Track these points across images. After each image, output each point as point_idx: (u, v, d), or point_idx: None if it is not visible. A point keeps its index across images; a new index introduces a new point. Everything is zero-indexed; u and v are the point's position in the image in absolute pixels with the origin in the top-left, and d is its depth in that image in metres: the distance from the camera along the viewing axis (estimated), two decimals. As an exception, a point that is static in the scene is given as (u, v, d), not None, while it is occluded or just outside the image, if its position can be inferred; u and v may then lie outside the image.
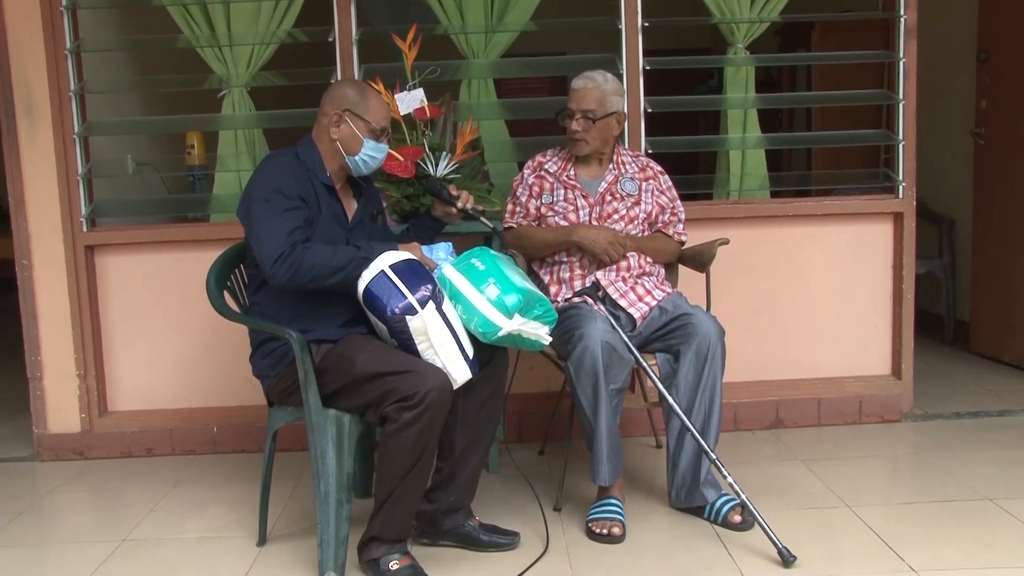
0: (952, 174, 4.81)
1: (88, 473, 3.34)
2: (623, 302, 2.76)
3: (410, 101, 2.95)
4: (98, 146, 3.58)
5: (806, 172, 5.39)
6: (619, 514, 2.59)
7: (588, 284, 2.80)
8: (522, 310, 2.35)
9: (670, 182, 2.99)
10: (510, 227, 2.97)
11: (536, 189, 2.93)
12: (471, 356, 2.32)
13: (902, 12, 3.46)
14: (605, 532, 2.54)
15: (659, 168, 2.99)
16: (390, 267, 2.28)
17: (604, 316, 2.63)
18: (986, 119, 4.33)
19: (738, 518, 2.58)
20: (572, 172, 2.91)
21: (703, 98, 4.84)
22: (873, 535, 2.52)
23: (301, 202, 2.34)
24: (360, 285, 2.29)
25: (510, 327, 2.33)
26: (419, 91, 2.97)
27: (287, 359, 2.38)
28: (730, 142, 3.61)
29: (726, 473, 2.48)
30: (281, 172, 2.37)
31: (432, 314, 2.25)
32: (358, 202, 2.57)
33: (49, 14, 3.32)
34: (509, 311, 2.33)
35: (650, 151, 3.40)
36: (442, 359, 2.27)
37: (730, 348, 2.69)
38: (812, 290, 3.57)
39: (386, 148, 2.51)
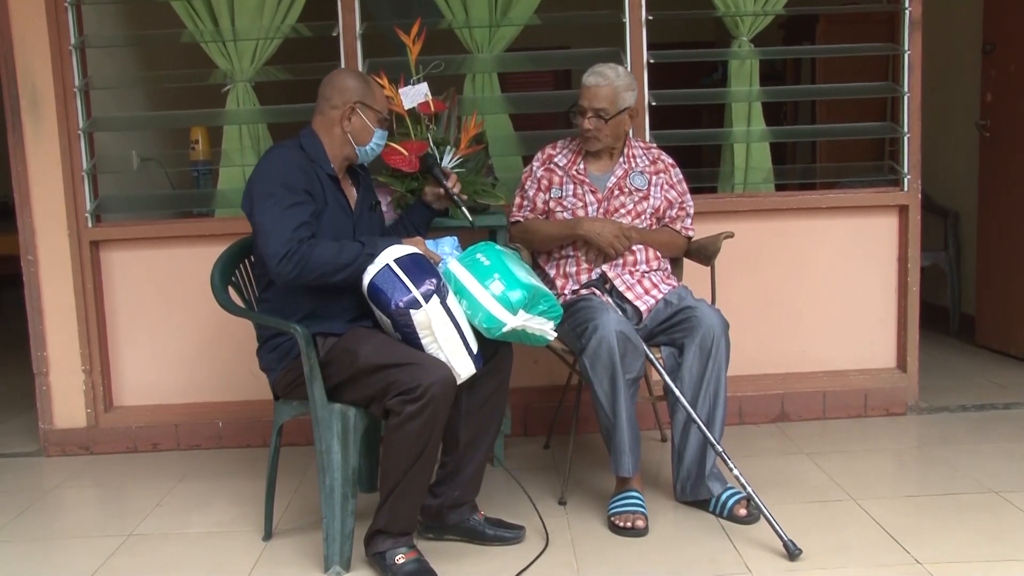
0: (957, 167, 4.80)
1: (94, 468, 3.35)
2: (630, 295, 2.76)
3: (414, 96, 2.94)
4: (103, 142, 3.58)
5: (811, 165, 5.38)
6: (641, 506, 2.57)
7: (595, 276, 2.79)
8: (527, 306, 2.35)
9: (681, 176, 2.97)
10: (517, 221, 2.96)
11: (545, 182, 2.92)
12: (475, 351, 2.32)
13: (907, 4, 3.45)
14: (629, 525, 2.52)
15: (670, 161, 2.97)
16: (395, 261, 2.28)
17: (614, 307, 2.63)
18: (991, 111, 4.31)
19: (743, 511, 2.58)
20: (582, 166, 2.90)
21: (707, 91, 4.82)
22: (878, 528, 2.51)
23: (307, 195, 2.34)
24: (365, 279, 2.29)
25: (514, 323, 2.32)
26: (423, 85, 2.97)
27: (293, 353, 2.39)
28: (734, 135, 3.60)
29: (732, 465, 2.48)
30: (285, 164, 2.36)
31: (436, 308, 2.25)
32: (357, 191, 2.58)
33: (54, 10, 3.33)
34: (514, 307, 2.32)
35: (655, 144, 3.39)
36: (446, 353, 2.26)
37: (735, 341, 2.69)
38: (817, 283, 3.57)
39: (386, 134, 2.56)
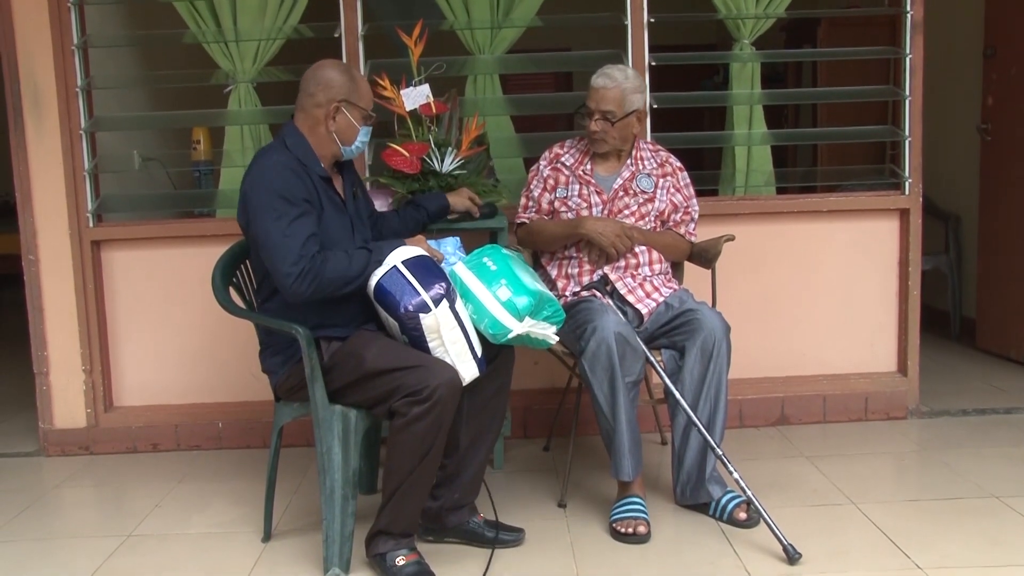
0: (958, 170, 4.79)
1: (93, 468, 3.34)
2: (631, 297, 2.75)
3: (416, 97, 2.94)
4: (104, 141, 3.59)
5: (812, 168, 5.37)
6: (643, 512, 2.56)
7: (596, 278, 2.79)
8: (533, 312, 2.34)
9: (688, 180, 2.96)
10: (523, 223, 2.96)
11: (551, 182, 2.92)
12: (480, 354, 2.32)
13: (908, 8, 3.45)
14: (631, 531, 2.50)
15: (679, 164, 2.96)
16: (403, 263, 2.27)
17: (614, 309, 2.62)
18: (993, 115, 4.31)
19: (743, 515, 2.57)
20: (588, 167, 2.89)
21: (709, 94, 4.83)
22: (879, 532, 2.51)
23: (306, 204, 2.29)
24: (371, 280, 2.28)
25: (520, 329, 2.31)
26: (425, 87, 2.97)
27: (296, 356, 2.38)
28: (736, 138, 3.60)
29: (732, 469, 2.47)
30: (280, 173, 2.29)
31: (446, 313, 2.25)
32: (344, 180, 2.54)
33: (56, 10, 3.33)
34: (520, 313, 2.31)
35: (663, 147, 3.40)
36: (452, 357, 2.26)
37: (735, 344, 2.69)
38: (818, 286, 3.56)
39: (371, 130, 2.50)
